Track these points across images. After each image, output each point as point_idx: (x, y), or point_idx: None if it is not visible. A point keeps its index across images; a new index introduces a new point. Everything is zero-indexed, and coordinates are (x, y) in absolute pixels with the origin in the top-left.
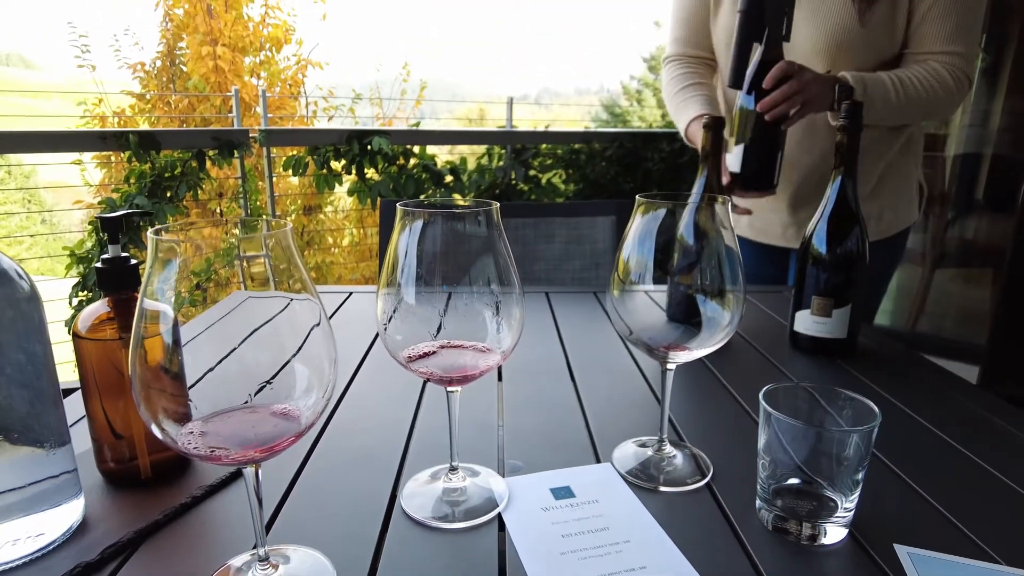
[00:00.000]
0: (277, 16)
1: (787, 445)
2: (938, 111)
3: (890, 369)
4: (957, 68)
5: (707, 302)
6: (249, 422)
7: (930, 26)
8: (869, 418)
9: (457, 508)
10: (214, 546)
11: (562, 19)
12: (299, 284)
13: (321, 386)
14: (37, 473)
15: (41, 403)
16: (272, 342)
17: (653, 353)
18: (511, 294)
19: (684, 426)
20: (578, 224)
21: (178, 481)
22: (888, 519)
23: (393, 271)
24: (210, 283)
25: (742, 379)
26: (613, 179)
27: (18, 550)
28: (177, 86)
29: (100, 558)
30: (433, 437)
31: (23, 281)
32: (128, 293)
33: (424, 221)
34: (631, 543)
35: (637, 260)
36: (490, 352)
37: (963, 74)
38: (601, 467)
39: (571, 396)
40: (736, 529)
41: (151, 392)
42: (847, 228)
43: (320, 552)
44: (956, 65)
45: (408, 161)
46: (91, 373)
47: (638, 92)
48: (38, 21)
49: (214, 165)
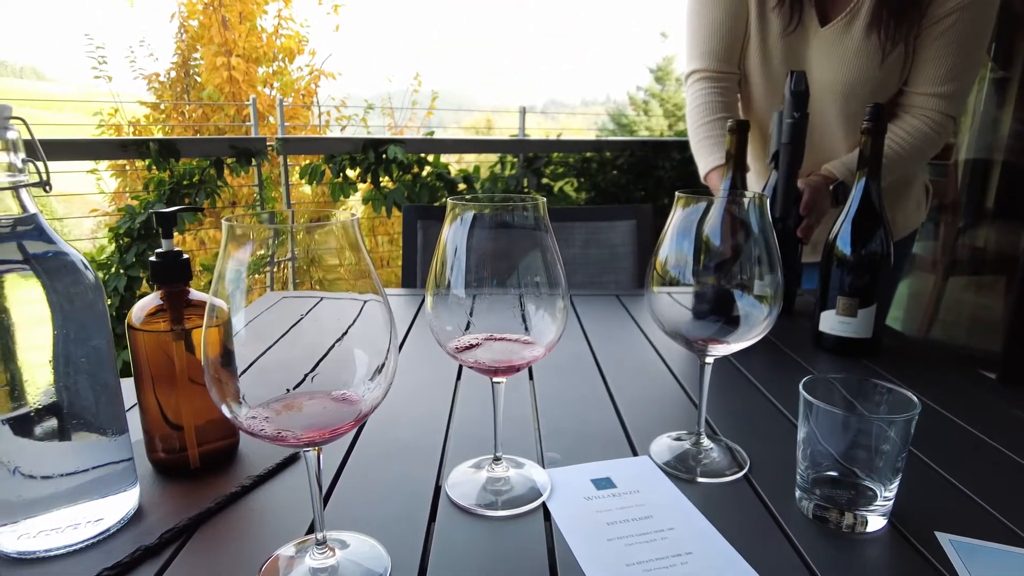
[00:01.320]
0: (290, 27)
1: (827, 435)
2: (923, 161)
3: (915, 367)
4: (941, 112)
5: (744, 296)
6: (311, 406)
7: (927, 68)
8: (908, 407)
9: (501, 497)
10: (265, 532)
11: (569, 31)
12: (363, 275)
13: (381, 372)
14: (100, 458)
15: (104, 391)
16: (334, 330)
17: (691, 346)
18: (556, 287)
19: (717, 421)
20: (597, 228)
21: (225, 471)
22: (926, 509)
23: (442, 264)
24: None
25: (770, 377)
26: (624, 187)
27: (79, 534)
28: (191, 96)
29: (159, 542)
30: (470, 429)
31: (88, 272)
32: (180, 286)
33: (473, 215)
34: (675, 530)
35: (676, 255)
36: (533, 344)
37: (946, 117)
38: (639, 459)
39: (602, 393)
40: (777, 518)
41: (222, 375)
42: (872, 229)
43: (375, 538)
44: (940, 109)
45: (422, 169)
46: (145, 364)
47: (645, 103)
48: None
49: (231, 173)
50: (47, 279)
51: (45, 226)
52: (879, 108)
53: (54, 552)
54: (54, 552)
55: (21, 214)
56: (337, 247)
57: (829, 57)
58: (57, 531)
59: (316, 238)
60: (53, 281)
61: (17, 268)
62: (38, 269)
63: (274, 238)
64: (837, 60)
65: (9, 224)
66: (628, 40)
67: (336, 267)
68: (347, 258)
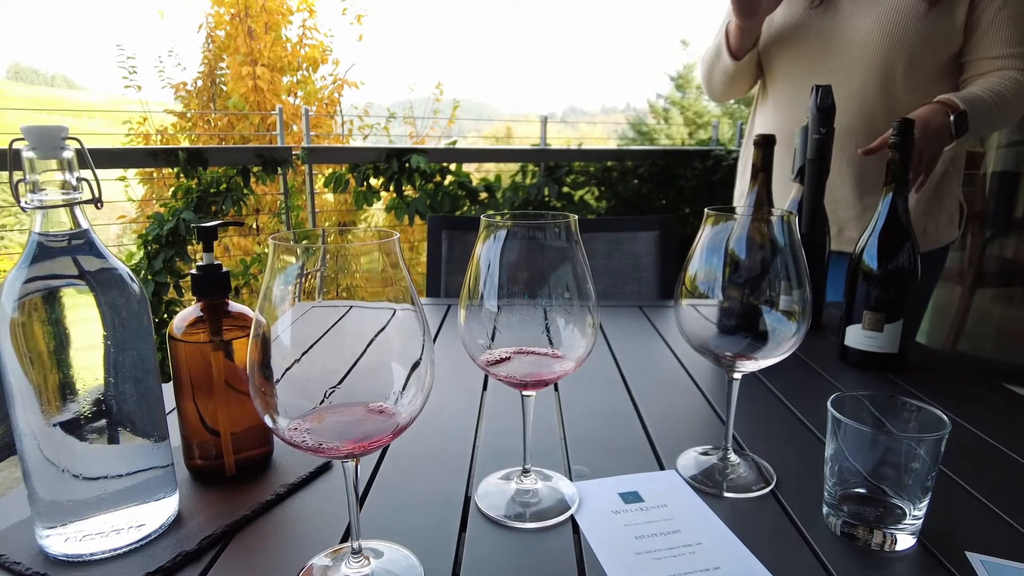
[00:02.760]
0: (314, 37)
1: (855, 452)
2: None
3: (942, 383)
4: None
5: (773, 312)
6: (351, 418)
7: (998, 31)
8: (939, 426)
9: (529, 509)
10: (300, 540)
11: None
12: (403, 290)
13: (419, 385)
14: (143, 463)
15: (148, 398)
16: (376, 344)
17: (720, 362)
18: (587, 302)
19: (743, 436)
20: (620, 239)
21: (259, 479)
22: (955, 528)
23: (475, 279)
24: (328, 286)
25: (796, 392)
26: (645, 196)
27: (121, 539)
28: (217, 105)
29: (198, 547)
30: (497, 440)
31: (134, 284)
32: (219, 299)
33: (506, 231)
34: (703, 545)
35: (706, 270)
36: (563, 359)
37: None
38: (666, 474)
39: (628, 406)
40: (804, 534)
41: (266, 388)
42: (899, 243)
43: (407, 548)
44: (1020, 68)
45: (444, 178)
46: (185, 373)
47: (665, 110)
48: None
49: (257, 182)
50: (99, 292)
51: (96, 241)
52: (906, 123)
53: (98, 556)
54: (98, 556)
55: (75, 229)
56: (378, 262)
57: (867, 19)
58: (101, 535)
59: (356, 252)
60: (104, 294)
61: (73, 283)
62: (91, 283)
63: (323, 259)
64: (876, 15)
65: (65, 239)
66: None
67: (375, 281)
68: (387, 273)
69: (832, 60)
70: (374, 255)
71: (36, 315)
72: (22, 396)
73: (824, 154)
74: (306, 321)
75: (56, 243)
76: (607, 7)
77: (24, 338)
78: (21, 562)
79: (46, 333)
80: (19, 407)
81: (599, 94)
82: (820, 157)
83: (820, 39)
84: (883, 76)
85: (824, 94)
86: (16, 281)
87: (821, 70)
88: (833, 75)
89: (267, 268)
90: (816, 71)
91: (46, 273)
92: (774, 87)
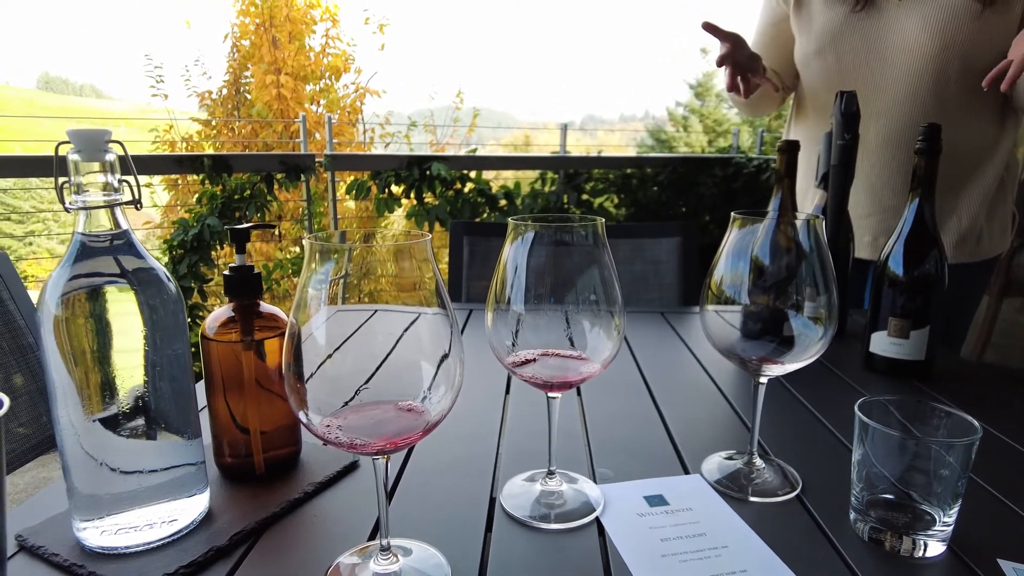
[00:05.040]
0: (337, 46)
1: (883, 458)
2: None
3: (970, 390)
4: None
5: (799, 317)
6: (383, 416)
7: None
8: (969, 431)
9: (555, 510)
10: (328, 537)
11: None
12: (433, 290)
13: (448, 384)
14: (177, 459)
15: (183, 396)
16: (407, 343)
17: (746, 366)
18: (613, 304)
19: (768, 441)
20: (641, 245)
21: (288, 478)
22: (987, 535)
23: (502, 282)
24: (362, 286)
25: (821, 397)
26: (665, 204)
27: (155, 533)
28: (241, 113)
29: (229, 543)
30: (521, 442)
31: (171, 284)
32: (251, 299)
33: (534, 234)
34: (729, 548)
35: (732, 275)
36: (589, 361)
37: None
38: (691, 477)
39: (651, 410)
40: (831, 539)
41: (300, 385)
42: (925, 250)
43: (434, 547)
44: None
45: (464, 186)
46: (218, 372)
47: (684, 119)
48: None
49: (281, 188)
50: (139, 290)
51: (135, 241)
52: (933, 128)
53: (132, 549)
54: (132, 549)
55: (115, 230)
56: (411, 262)
57: (914, 21)
58: (135, 529)
59: (390, 254)
60: (143, 292)
61: (116, 281)
62: (132, 281)
63: (346, 256)
64: (924, 22)
65: (107, 239)
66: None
67: (408, 281)
68: (419, 273)
69: (878, 66)
70: (407, 255)
71: (80, 310)
72: (64, 392)
73: (848, 160)
74: (336, 321)
75: (98, 243)
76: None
77: (68, 334)
78: (59, 553)
79: (89, 328)
80: (61, 403)
81: (618, 102)
82: (844, 163)
83: (865, 44)
84: (935, 81)
85: (849, 100)
86: (60, 279)
87: (867, 77)
88: (879, 81)
89: (304, 264)
90: (861, 78)
91: (89, 271)
92: (815, 97)
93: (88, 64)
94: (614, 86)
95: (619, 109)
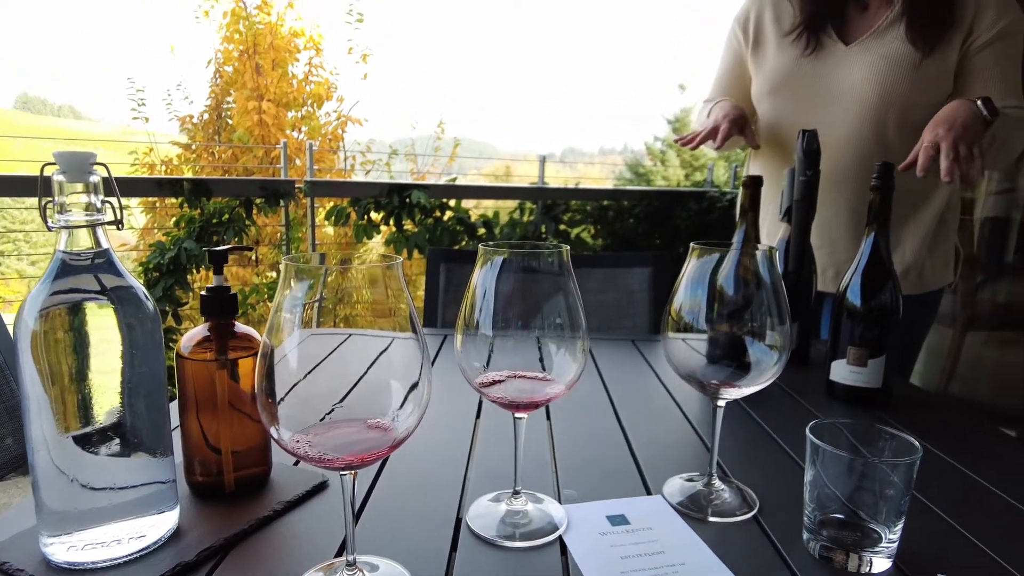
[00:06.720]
0: (320, 74)
1: (833, 478)
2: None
3: (925, 418)
4: None
5: (755, 343)
6: (350, 433)
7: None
8: (911, 452)
9: (519, 529)
10: (296, 554)
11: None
12: (403, 313)
13: (416, 403)
14: (148, 476)
15: (157, 414)
16: (380, 367)
17: (705, 389)
18: (577, 329)
19: (729, 464)
20: (614, 274)
21: (257, 497)
22: (930, 552)
23: (472, 306)
24: (333, 308)
25: (781, 423)
26: (641, 235)
27: (122, 549)
28: (222, 138)
29: (196, 559)
30: (489, 463)
31: (148, 303)
32: (226, 319)
33: (502, 260)
34: (687, 565)
35: (691, 302)
36: (554, 382)
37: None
38: (653, 499)
39: (618, 433)
40: (785, 557)
41: (270, 403)
42: (881, 282)
43: (400, 564)
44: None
45: (443, 214)
46: (191, 391)
47: (662, 152)
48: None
49: (260, 213)
50: (118, 307)
51: (115, 260)
52: (887, 167)
53: (99, 565)
54: (99, 565)
55: (97, 248)
56: (382, 286)
57: (859, 68)
58: (103, 545)
59: (363, 277)
60: (122, 310)
61: (96, 298)
62: (112, 298)
63: (322, 283)
64: (868, 70)
65: (89, 258)
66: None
67: (379, 304)
68: (389, 296)
69: (825, 108)
70: (380, 279)
71: (59, 324)
72: (39, 407)
73: (810, 195)
74: (309, 343)
75: (79, 261)
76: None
77: (44, 349)
78: (24, 569)
79: (67, 343)
80: (35, 418)
81: (597, 135)
82: (806, 198)
83: (813, 87)
84: (876, 123)
85: (810, 139)
86: (40, 295)
87: (814, 117)
88: (826, 121)
89: (279, 285)
90: (809, 118)
91: (69, 288)
92: (770, 134)
93: (68, 85)
94: (594, 120)
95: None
